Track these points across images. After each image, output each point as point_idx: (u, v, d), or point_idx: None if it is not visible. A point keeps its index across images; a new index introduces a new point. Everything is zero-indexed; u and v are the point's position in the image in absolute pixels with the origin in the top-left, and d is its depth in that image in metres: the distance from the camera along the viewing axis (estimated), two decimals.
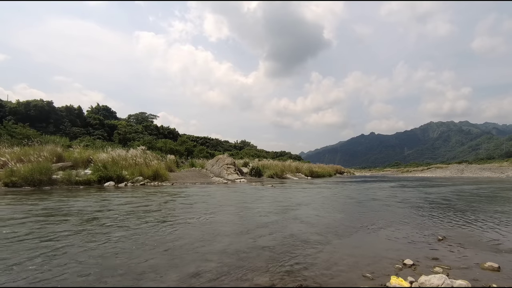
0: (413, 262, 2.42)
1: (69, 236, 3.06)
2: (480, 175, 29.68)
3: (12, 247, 2.67)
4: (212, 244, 2.86)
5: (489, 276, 2.16)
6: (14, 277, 2.00)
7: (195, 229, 3.54)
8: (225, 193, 8.44)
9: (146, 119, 47.85)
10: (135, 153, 13.13)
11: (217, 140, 48.40)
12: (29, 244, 2.75)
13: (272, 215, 4.60)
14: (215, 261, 2.37)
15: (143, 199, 6.38)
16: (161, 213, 4.67)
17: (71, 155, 11.82)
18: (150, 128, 36.80)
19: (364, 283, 2.02)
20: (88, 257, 2.43)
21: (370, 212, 5.18)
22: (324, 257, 2.54)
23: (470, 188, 11.48)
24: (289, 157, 40.41)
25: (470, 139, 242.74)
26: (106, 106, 42.25)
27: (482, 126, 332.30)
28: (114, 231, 3.33)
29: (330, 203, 6.42)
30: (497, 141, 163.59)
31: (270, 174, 18.67)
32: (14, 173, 8.77)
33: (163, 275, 2.07)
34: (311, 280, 2.04)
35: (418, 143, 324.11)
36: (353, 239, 3.23)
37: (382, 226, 3.88)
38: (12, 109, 26.17)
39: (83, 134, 27.45)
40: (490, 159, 62.89)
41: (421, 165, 63.85)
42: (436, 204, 6.32)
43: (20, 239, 2.92)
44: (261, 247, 2.81)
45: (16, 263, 2.25)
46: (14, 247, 2.67)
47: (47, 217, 4.08)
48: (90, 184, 9.94)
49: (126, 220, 3.99)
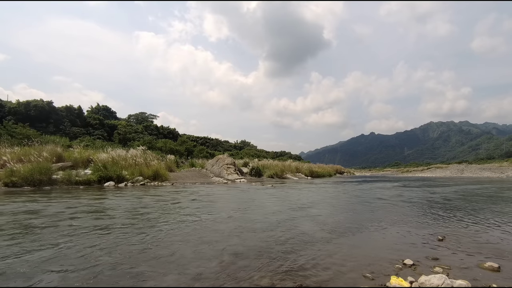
0: (413, 262, 2.42)
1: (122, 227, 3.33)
2: (480, 175, 29.67)
3: (105, 236, 3.11)
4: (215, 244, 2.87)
5: (489, 276, 2.16)
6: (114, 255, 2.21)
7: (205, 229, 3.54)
8: (226, 193, 8.44)
9: (146, 119, 47.86)
10: (135, 153, 13.13)
11: (217, 140, 48.39)
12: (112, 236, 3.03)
13: (271, 215, 4.60)
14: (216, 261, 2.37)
15: (156, 198, 6.39)
16: (159, 214, 4.67)
17: (71, 155, 11.82)
18: (150, 128, 36.81)
19: (364, 283, 2.02)
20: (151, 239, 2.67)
21: (369, 212, 5.18)
22: (324, 257, 2.54)
23: (472, 188, 11.48)
24: (289, 157, 40.41)
25: (470, 139, 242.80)
26: (106, 106, 42.24)
27: (482, 126, 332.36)
28: (163, 223, 3.35)
29: (330, 203, 6.42)
30: (497, 141, 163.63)
31: (270, 174, 18.67)
32: (14, 173, 8.77)
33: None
34: (311, 280, 2.04)
35: (418, 143, 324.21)
36: (352, 239, 3.23)
37: (382, 226, 3.87)
38: (12, 109, 26.16)
39: (83, 134, 27.44)
40: (490, 159, 62.90)
41: (421, 165, 63.84)
42: (437, 203, 6.32)
43: (93, 230, 3.43)
44: (261, 247, 2.81)
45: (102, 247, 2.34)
46: (106, 236, 3.12)
47: (95, 213, 4.54)
48: (90, 184, 9.93)
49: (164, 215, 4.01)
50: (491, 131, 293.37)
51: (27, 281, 1.96)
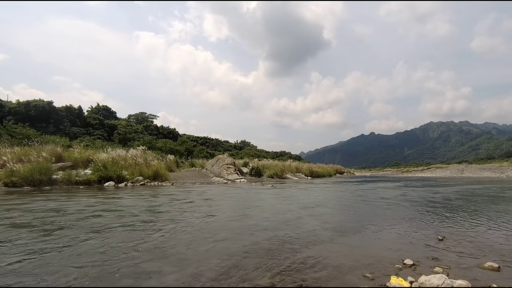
0: (413, 262, 2.41)
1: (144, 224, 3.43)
2: (480, 175, 29.68)
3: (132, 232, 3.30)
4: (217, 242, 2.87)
5: (489, 276, 2.16)
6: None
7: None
8: (227, 194, 8.44)
9: (146, 119, 47.85)
10: (135, 153, 13.13)
11: (217, 140, 48.38)
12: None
13: (271, 215, 4.60)
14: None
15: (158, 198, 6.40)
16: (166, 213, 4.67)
17: (71, 155, 11.83)
18: (150, 128, 36.80)
19: (364, 283, 2.02)
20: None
21: (369, 212, 5.18)
22: (324, 257, 2.54)
23: (472, 188, 11.48)
24: (289, 157, 40.41)
25: (470, 139, 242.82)
26: (106, 106, 42.23)
27: (482, 126, 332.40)
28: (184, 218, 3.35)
29: (330, 203, 6.42)
30: (497, 141, 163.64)
31: (270, 174, 18.67)
32: (14, 173, 8.78)
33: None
34: (311, 280, 2.04)
35: (418, 143, 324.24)
36: (352, 239, 3.23)
37: (382, 226, 3.87)
38: (12, 109, 26.16)
39: (83, 134, 27.44)
40: (490, 159, 62.87)
41: (421, 165, 63.84)
42: (437, 203, 6.32)
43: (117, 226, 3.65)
44: (261, 246, 2.81)
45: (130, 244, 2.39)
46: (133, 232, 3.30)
47: (111, 212, 4.67)
48: (90, 184, 9.94)
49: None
50: (491, 131, 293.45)
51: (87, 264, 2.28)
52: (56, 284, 1.91)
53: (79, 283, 1.92)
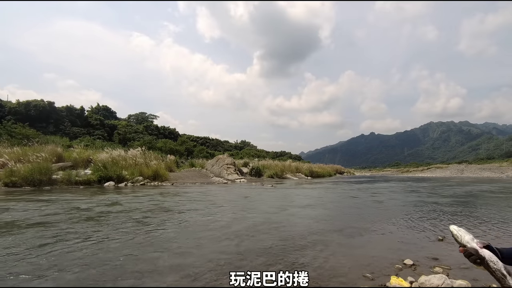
0: (413, 262, 2.42)
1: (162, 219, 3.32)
2: (480, 175, 29.67)
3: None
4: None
5: (489, 276, 2.14)
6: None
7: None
8: (228, 194, 8.43)
9: (146, 119, 47.83)
10: (135, 153, 13.12)
11: (217, 140, 48.36)
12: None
13: (271, 215, 4.60)
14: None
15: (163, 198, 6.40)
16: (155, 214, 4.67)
17: (71, 155, 11.81)
18: (150, 128, 36.78)
19: (364, 283, 2.02)
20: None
21: (369, 212, 5.18)
22: (324, 257, 2.54)
23: (474, 188, 11.47)
24: (289, 157, 40.37)
25: (470, 139, 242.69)
26: (106, 106, 42.19)
27: (482, 126, 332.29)
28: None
29: (331, 204, 6.42)
30: (497, 141, 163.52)
31: (270, 174, 18.66)
32: (14, 173, 8.77)
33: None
34: (311, 280, 2.04)
35: (418, 143, 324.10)
36: (352, 239, 3.23)
37: (382, 226, 3.87)
38: (12, 109, 26.15)
39: (83, 134, 27.43)
40: (490, 159, 62.77)
41: (421, 165, 63.74)
42: (437, 203, 6.32)
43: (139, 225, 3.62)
44: (261, 246, 2.81)
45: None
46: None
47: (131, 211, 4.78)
48: (90, 184, 9.93)
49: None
50: (491, 131, 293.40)
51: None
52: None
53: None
